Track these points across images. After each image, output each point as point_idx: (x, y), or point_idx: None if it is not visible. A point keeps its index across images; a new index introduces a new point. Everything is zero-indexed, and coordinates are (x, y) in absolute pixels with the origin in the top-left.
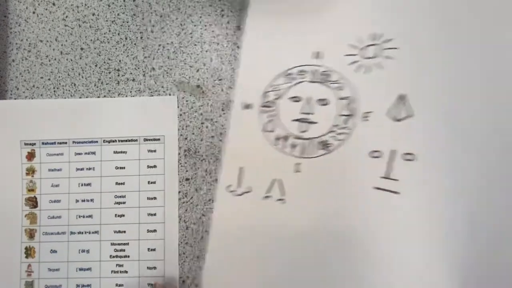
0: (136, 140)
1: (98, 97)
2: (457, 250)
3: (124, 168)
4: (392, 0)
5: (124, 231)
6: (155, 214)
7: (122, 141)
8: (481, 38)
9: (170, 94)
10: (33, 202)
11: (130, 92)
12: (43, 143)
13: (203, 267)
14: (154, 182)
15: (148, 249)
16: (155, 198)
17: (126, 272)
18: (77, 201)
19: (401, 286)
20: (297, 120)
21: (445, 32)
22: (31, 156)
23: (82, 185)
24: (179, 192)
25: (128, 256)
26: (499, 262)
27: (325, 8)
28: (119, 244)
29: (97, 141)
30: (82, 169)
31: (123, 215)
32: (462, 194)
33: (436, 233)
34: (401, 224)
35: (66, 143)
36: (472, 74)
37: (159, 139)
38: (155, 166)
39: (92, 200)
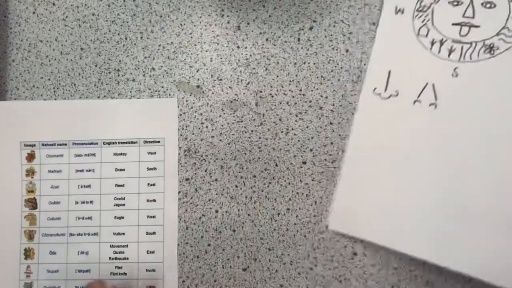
0: (136, 142)
1: (98, 97)
2: None
3: (124, 170)
4: None
5: (124, 233)
6: (154, 217)
7: (122, 143)
8: None
9: (170, 94)
10: (32, 204)
11: (130, 92)
12: (43, 145)
13: (340, 172)
14: (154, 185)
15: (147, 251)
16: (154, 200)
17: (125, 274)
18: (76, 202)
19: None
20: (457, 24)
21: None
22: (31, 157)
23: (81, 186)
24: (179, 192)
25: (127, 258)
26: None
27: None
28: (118, 246)
29: (97, 143)
30: (82, 170)
31: (123, 217)
32: None
33: None
34: None
35: (66, 144)
36: None
37: (159, 142)
38: (155, 169)
39: (91, 202)
